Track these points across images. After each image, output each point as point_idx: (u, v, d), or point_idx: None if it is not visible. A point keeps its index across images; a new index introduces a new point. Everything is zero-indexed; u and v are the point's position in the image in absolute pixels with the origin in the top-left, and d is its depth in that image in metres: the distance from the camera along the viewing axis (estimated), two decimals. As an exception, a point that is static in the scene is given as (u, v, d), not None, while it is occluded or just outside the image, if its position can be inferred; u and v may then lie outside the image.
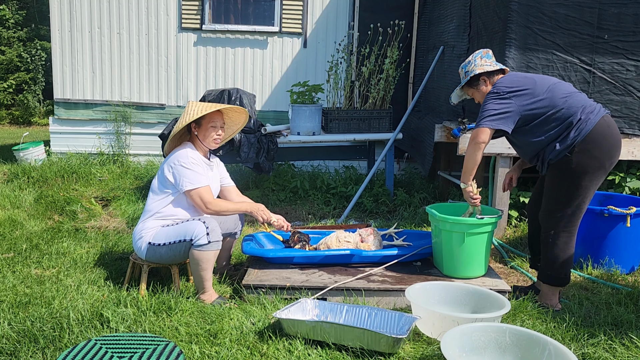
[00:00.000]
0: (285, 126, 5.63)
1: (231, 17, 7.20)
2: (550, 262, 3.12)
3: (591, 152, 2.92)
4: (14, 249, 4.08)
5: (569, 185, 3.00)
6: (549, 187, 3.10)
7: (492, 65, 3.20)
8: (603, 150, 2.93)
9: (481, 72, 3.20)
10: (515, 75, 3.13)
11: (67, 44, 7.21)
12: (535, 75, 3.12)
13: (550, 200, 3.10)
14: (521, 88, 3.01)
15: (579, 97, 3.00)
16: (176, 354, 2.28)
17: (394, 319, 2.71)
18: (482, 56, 3.24)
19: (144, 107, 7.34)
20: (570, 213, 3.03)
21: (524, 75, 3.13)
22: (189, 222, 3.14)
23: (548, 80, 3.06)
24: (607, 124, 2.95)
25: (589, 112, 2.94)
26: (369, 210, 5.43)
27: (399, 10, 6.81)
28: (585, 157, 2.93)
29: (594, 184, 2.99)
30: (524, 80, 3.05)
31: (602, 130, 2.92)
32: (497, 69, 3.21)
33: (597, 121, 2.92)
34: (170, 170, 3.21)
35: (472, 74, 3.19)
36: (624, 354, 2.53)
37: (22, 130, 11.67)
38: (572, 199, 3.00)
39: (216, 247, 3.11)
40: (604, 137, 2.92)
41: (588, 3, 4.15)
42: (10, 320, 2.76)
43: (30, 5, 15.16)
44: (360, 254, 3.46)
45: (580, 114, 2.93)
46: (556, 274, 3.10)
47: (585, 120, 2.92)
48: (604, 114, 2.96)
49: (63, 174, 6.27)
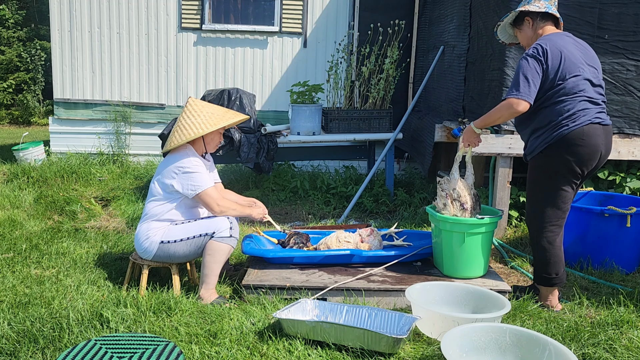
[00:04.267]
0: (285, 126, 5.62)
1: (231, 17, 7.20)
2: (538, 263, 3.14)
3: (562, 156, 2.94)
4: (14, 249, 4.08)
5: (542, 184, 3.04)
6: (528, 187, 3.16)
7: (540, 8, 2.99)
8: (573, 156, 2.93)
9: (525, 11, 3.01)
10: (552, 41, 2.94)
11: (67, 44, 7.21)
12: (571, 51, 2.94)
13: (529, 202, 3.15)
14: (551, 60, 2.89)
15: (579, 102, 2.92)
16: (176, 354, 2.28)
17: (394, 319, 2.71)
18: None
19: (143, 107, 7.34)
20: (550, 214, 3.04)
21: (562, 45, 2.93)
22: (212, 217, 3.23)
23: (574, 68, 2.92)
24: (583, 134, 2.90)
25: (571, 119, 2.91)
26: (369, 210, 5.43)
27: (399, 10, 6.81)
28: (555, 158, 2.96)
29: (568, 186, 2.99)
30: (556, 55, 2.89)
31: (574, 140, 2.90)
32: (544, 11, 2.99)
33: (573, 130, 2.90)
34: (175, 178, 3.20)
35: (518, 9, 3.03)
36: (624, 354, 2.52)
37: (21, 130, 11.66)
38: (548, 199, 3.03)
39: (234, 243, 3.21)
40: (574, 145, 2.91)
41: (588, 3, 4.14)
42: (10, 321, 2.76)
43: (30, 5, 15.16)
44: (360, 254, 3.45)
45: (563, 118, 2.92)
46: (546, 274, 3.10)
47: (563, 125, 2.92)
48: (585, 124, 2.90)
49: (63, 174, 6.26)
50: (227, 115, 3.35)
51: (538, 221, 3.09)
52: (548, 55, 2.90)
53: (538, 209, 3.08)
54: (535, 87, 2.90)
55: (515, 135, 4.21)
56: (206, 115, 3.25)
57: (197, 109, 3.27)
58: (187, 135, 3.19)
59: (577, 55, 2.96)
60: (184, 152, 3.24)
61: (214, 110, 3.32)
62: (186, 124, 3.23)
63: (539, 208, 3.07)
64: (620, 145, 4.32)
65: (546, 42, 2.94)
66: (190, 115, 3.25)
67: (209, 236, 3.16)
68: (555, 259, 3.07)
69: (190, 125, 3.22)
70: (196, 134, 3.18)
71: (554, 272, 3.08)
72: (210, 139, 3.35)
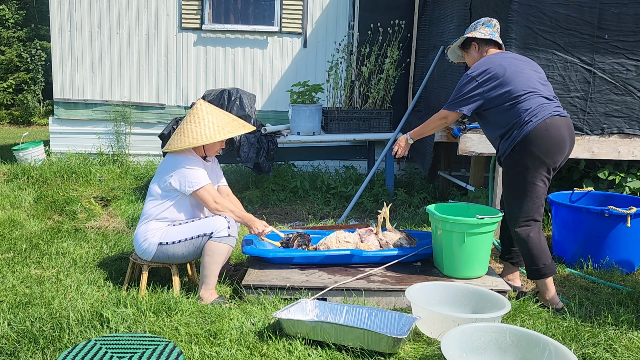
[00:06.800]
0: (285, 126, 5.63)
1: (231, 17, 7.20)
2: (525, 257, 3.22)
3: (530, 151, 3.06)
4: (14, 249, 4.08)
5: (516, 181, 3.15)
6: (503, 186, 3.28)
7: (485, 35, 3.29)
8: (541, 150, 3.04)
9: (471, 37, 3.32)
10: (492, 59, 3.19)
11: (67, 44, 7.21)
12: (512, 62, 3.16)
13: (506, 201, 3.26)
14: (491, 75, 3.11)
15: (534, 99, 3.07)
16: (176, 354, 2.28)
17: (394, 319, 2.71)
18: (483, 23, 3.35)
19: (143, 107, 7.34)
20: (526, 209, 3.13)
21: (502, 59, 3.18)
22: (210, 217, 3.22)
23: (518, 74, 3.11)
24: (547, 126, 3.03)
25: (533, 114, 3.04)
26: (369, 210, 5.43)
27: (399, 10, 6.81)
28: (524, 154, 3.07)
29: (540, 180, 3.10)
30: (498, 67, 3.13)
31: (540, 133, 3.02)
32: (489, 39, 3.29)
33: (537, 124, 3.03)
34: (172, 175, 3.20)
35: (465, 36, 3.33)
36: (624, 354, 2.52)
37: (21, 130, 11.67)
38: (522, 195, 3.13)
39: (233, 242, 3.20)
40: (541, 138, 3.03)
41: (588, 3, 4.14)
42: (10, 321, 2.76)
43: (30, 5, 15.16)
44: (360, 254, 3.45)
45: (525, 115, 3.05)
46: (535, 266, 3.16)
47: (527, 122, 3.04)
48: (546, 117, 3.03)
49: (63, 174, 6.26)
50: (229, 127, 3.28)
51: (516, 218, 3.18)
52: (488, 72, 3.13)
53: (515, 206, 3.17)
54: (467, 102, 3.17)
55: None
56: (207, 124, 3.21)
57: (202, 115, 3.24)
58: (184, 143, 3.18)
59: (520, 64, 3.19)
60: (183, 154, 3.25)
61: (218, 119, 3.26)
62: (187, 129, 3.22)
63: (516, 205, 3.17)
64: (620, 145, 4.32)
65: (487, 61, 3.19)
66: (193, 121, 3.24)
67: (207, 236, 3.16)
68: (538, 251, 3.14)
69: (190, 131, 3.21)
70: (191, 144, 3.17)
71: (541, 263, 3.14)
72: (211, 146, 3.34)
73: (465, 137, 4.34)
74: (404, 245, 3.59)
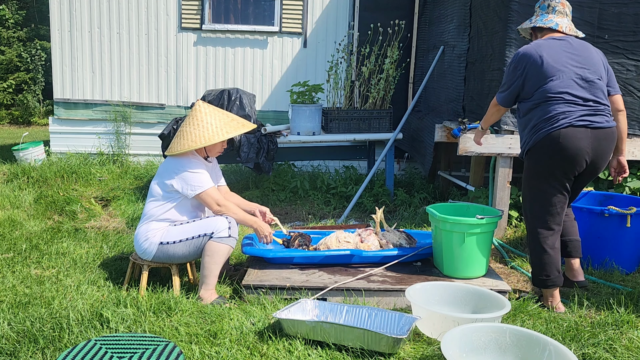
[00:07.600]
0: (285, 126, 5.62)
1: (231, 17, 7.20)
2: (532, 264, 3.18)
3: (540, 158, 3.00)
4: (14, 249, 4.08)
5: (528, 185, 3.12)
6: (522, 185, 3.24)
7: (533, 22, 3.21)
8: (551, 160, 2.96)
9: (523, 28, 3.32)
10: (539, 48, 3.03)
11: (67, 44, 7.21)
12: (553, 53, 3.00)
13: (523, 200, 3.23)
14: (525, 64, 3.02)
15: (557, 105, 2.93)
16: (176, 354, 2.28)
17: (394, 319, 2.71)
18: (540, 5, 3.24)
19: (143, 107, 7.34)
20: (537, 214, 3.07)
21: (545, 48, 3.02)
22: (211, 217, 3.22)
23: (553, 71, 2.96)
24: (560, 136, 2.90)
25: (549, 122, 2.94)
26: (369, 210, 5.43)
27: (399, 10, 6.81)
28: (535, 161, 3.03)
29: (551, 187, 3.01)
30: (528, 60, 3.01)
31: (551, 143, 2.93)
32: (538, 26, 3.18)
33: (550, 132, 2.92)
34: (174, 178, 3.20)
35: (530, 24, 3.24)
36: (624, 354, 2.52)
37: (21, 130, 11.67)
38: (533, 200, 3.09)
39: (233, 243, 3.19)
40: (553, 148, 2.93)
41: (588, 3, 4.14)
42: (10, 321, 2.76)
43: (30, 5, 15.16)
44: (360, 254, 3.45)
45: (541, 121, 2.97)
46: (539, 275, 3.10)
47: (541, 128, 2.96)
48: (564, 126, 2.90)
49: (63, 174, 6.26)
50: (228, 127, 3.28)
51: (528, 221, 3.15)
52: (525, 60, 3.02)
53: (527, 207, 3.15)
54: (509, 89, 3.12)
55: (515, 136, 4.21)
56: (207, 125, 3.21)
57: (200, 116, 3.24)
58: (184, 145, 3.18)
59: (562, 58, 2.98)
60: (185, 156, 3.25)
61: (217, 120, 3.26)
62: (187, 132, 3.22)
63: (528, 206, 3.14)
64: (620, 145, 4.31)
65: (527, 48, 3.06)
66: (192, 123, 3.23)
67: (207, 237, 3.16)
68: (544, 262, 3.05)
69: (190, 134, 3.21)
70: (192, 146, 3.17)
71: (544, 274, 3.07)
72: (212, 147, 3.34)
73: (465, 137, 4.33)
74: (404, 245, 3.59)
